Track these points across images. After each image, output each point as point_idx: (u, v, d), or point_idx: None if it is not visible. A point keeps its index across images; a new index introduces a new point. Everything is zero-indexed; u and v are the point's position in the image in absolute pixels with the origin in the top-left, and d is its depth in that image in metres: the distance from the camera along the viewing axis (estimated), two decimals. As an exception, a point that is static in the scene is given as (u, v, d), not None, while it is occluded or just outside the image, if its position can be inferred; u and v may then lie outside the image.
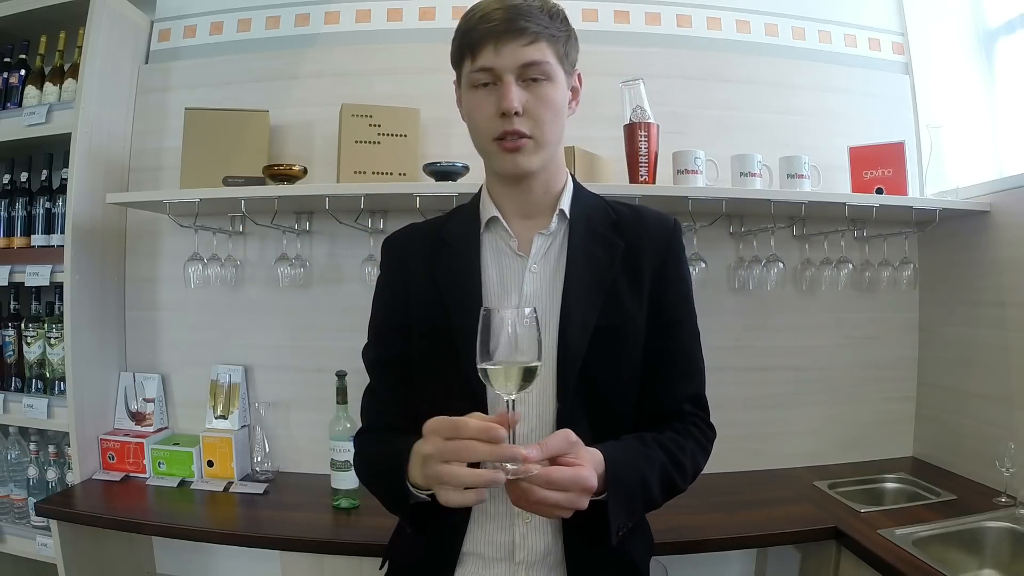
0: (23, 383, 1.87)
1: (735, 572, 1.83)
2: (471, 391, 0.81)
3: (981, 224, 1.75)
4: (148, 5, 2.02)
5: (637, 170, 1.67)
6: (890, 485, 1.76)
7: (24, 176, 1.89)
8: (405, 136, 1.77)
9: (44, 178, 1.87)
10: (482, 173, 1.04)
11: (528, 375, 0.78)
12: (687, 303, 1.01)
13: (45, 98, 1.84)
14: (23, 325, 1.86)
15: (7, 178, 1.91)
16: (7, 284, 1.80)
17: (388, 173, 1.74)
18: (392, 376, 1.02)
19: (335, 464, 1.61)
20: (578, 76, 0.99)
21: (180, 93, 1.94)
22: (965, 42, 2.00)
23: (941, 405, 1.89)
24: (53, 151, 1.88)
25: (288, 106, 1.91)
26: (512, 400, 0.79)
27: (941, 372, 1.90)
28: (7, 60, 1.91)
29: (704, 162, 1.70)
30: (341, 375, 1.65)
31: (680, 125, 1.84)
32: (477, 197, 1.04)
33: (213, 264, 1.78)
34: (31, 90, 1.85)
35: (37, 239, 1.86)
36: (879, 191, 1.78)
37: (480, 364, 0.77)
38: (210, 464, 1.80)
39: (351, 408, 1.61)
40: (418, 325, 0.98)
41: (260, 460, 1.84)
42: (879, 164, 1.80)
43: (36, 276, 1.77)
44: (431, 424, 0.78)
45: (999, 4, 1.93)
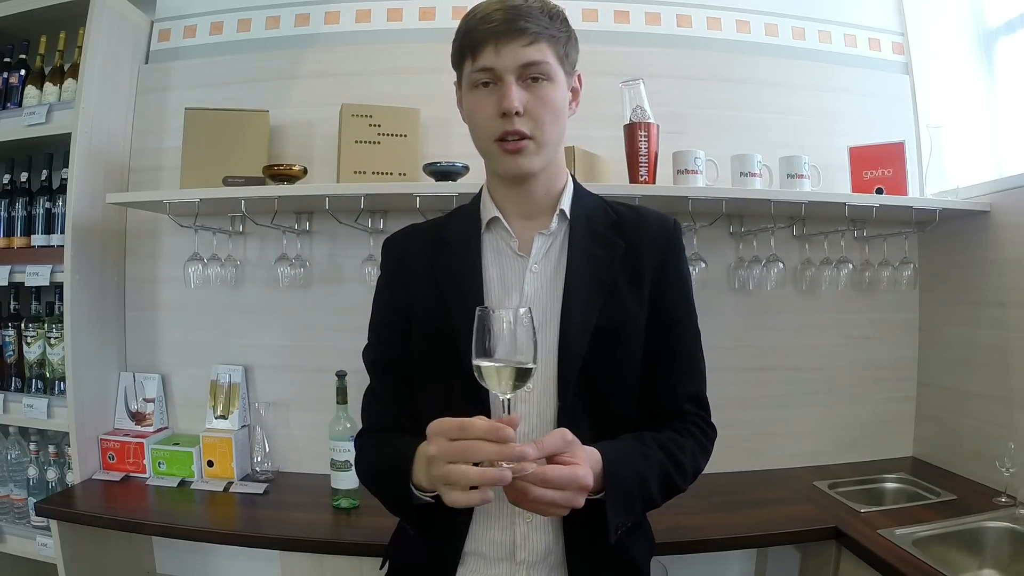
0: (23, 383, 1.87)
1: (735, 572, 1.83)
2: (473, 391, 0.81)
3: (981, 224, 1.75)
4: (148, 5, 2.02)
5: (637, 170, 1.67)
6: (890, 485, 1.76)
7: (24, 176, 1.89)
8: (405, 136, 1.78)
9: (44, 178, 1.87)
10: (482, 173, 1.04)
11: (522, 375, 0.78)
12: (687, 303, 1.01)
13: (45, 98, 1.84)
14: (23, 325, 1.86)
15: (7, 178, 1.91)
16: (7, 284, 1.80)
17: (388, 173, 1.74)
18: (392, 377, 1.02)
19: (335, 464, 1.61)
20: (578, 77, 0.99)
21: (180, 93, 1.94)
22: (965, 42, 2.00)
23: (941, 405, 1.89)
24: (53, 151, 1.88)
25: (288, 106, 1.91)
26: (508, 399, 0.79)
27: (941, 372, 1.90)
28: (7, 60, 1.91)
29: (704, 162, 1.70)
30: (341, 375, 1.65)
31: (680, 125, 1.84)
32: (478, 197, 1.04)
33: (213, 264, 1.78)
34: (31, 90, 1.85)
35: (37, 239, 1.86)
36: (879, 191, 1.78)
37: (475, 362, 0.77)
38: (210, 464, 1.80)
39: (351, 408, 1.61)
40: (419, 326, 0.98)
41: (260, 460, 1.84)
42: (879, 164, 1.80)
43: (36, 276, 1.77)
44: (436, 425, 0.78)
45: (999, 4, 1.93)
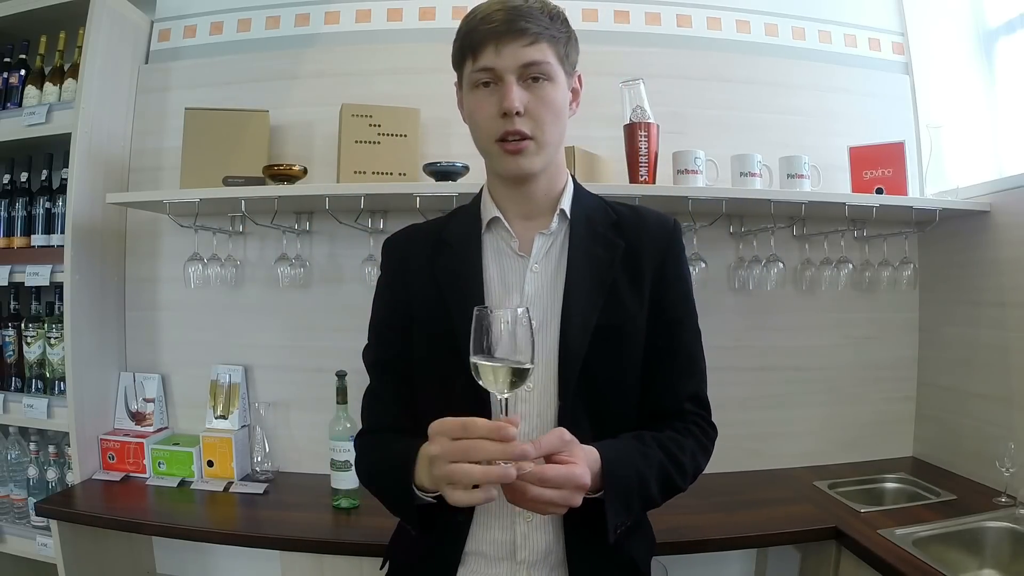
0: (23, 383, 1.87)
1: (735, 572, 1.83)
2: (473, 391, 0.81)
3: (981, 224, 1.75)
4: (148, 5, 2.02)
5: (637, 170, 1.67)
6: (890, 485, 1.76)
7: (24, 176, 1.89)
8: (405, 136, 1.77)
9: (44, 178, 1.87)
10: (482, 173, 1.05)
11: (520, 375, 0.78)
12: (687, 302, 1.01)
13: (45, 98, 1.85)
14: (23, 325, 1.86)
15: (7, 178, 1.91)
16: (7, 284, 1.80)
17: (388, 173, 1.74)
18: (393, 377, 1.02)
19: (335, 464, 1.61)
20: (578, 77, 1.00)
21: (180, 93, 1.94)
22: (965, 42, 2.00)
23: (941, 405, 1.89)
24: (53, 151, 1.88)
25: (288, 106, 1.91)
26: (505, 399, 0.79)
27: (941, 372, 1.90)
28: (7, 60, 1.91)
29: (704, 162, 1.70)
30: (341, 375, 1.65)
31: (680, 125, 1.84)
32: (478, 198, 1.04)
33: (213, 264, 1.78)
34: (31, 90, 1.85)
35: (37, 239, 1.86)
36: (879, 191, 1.78)
37: (473, 361, 0.77)
38: (210, 464, 1.80)
39: (351, 408, 1.61)
40: (419, 326, 0.98)
41: (260, 460, 1.84)
42: (879, 164, 1.80)
43: (36, 276, 1.77)
44: (437, 425, 0.78)
45: (999, 4, 1.93)
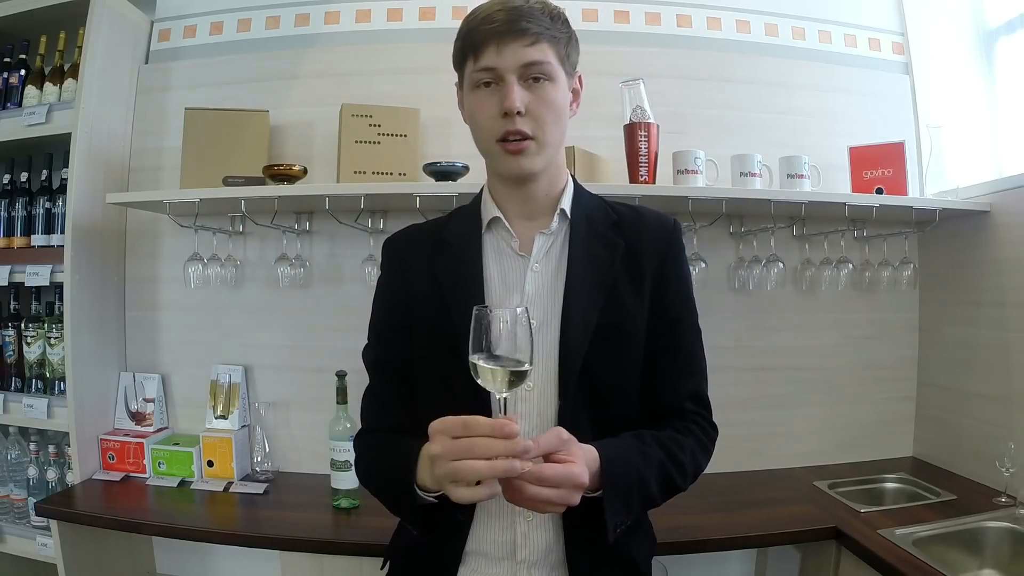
0: (23, 383, 1.87)
1: (735, 572, 1.83)
2: (473, 391, 0.81)
3: (981, 224, 1.75)
4: (148, 5, 2.02)
5: (637, 170, 1.67)
6: (890, 485, 1.76)
7: (24, 176, 1.89)
8: (405, 136, 1.77)
9: (44, 178, 1.87)
10: (482, 173, 1.05)
11: (518, 374, 0.78)
12: (688, 302, 1.02)
13: (45, 98, 1.84)
14: (23, 325, 1.86)
15: (7, 178, 1.91)
16: (7, 284, 1.80)
17: (388, 173, 1.74)
18: (392, 376, 1.02)
19: (335, 464, 1.62)
20: (579, 78, 1.00)
21: (180, 93, 1.94)
22: (965, 42, 2.00)
23: (941, 405, 1.89)
24: (53, 151, 1.88)
25: (288, 106, 1.91)
26: (504, 398, 0.79)
27: (941, 372, 1.90)
28: (7, 60, 1.91)
29: (704, 162, 1.70)
30: (341, 375, 1.65)
31: (680, 125, 1.84)
32: (478, 198, 1.04)
33: (213, 264, 1.78)
34: (31, 90, 1.85)
35: (37, 239, 1.86)
36: (879, 191, 1.77)
37: (472, 360, 0.78)
38: (210, 464, 1.80)
39: (351, 408, 1.61)
40: (420, 326, 0.98)
41: (260, 460, 1.84)
42: (879, 164, 1.80)
43: (36, 276, 1.77)
44: (438, 424, 0.78)
45: (999, 4, 1.93)
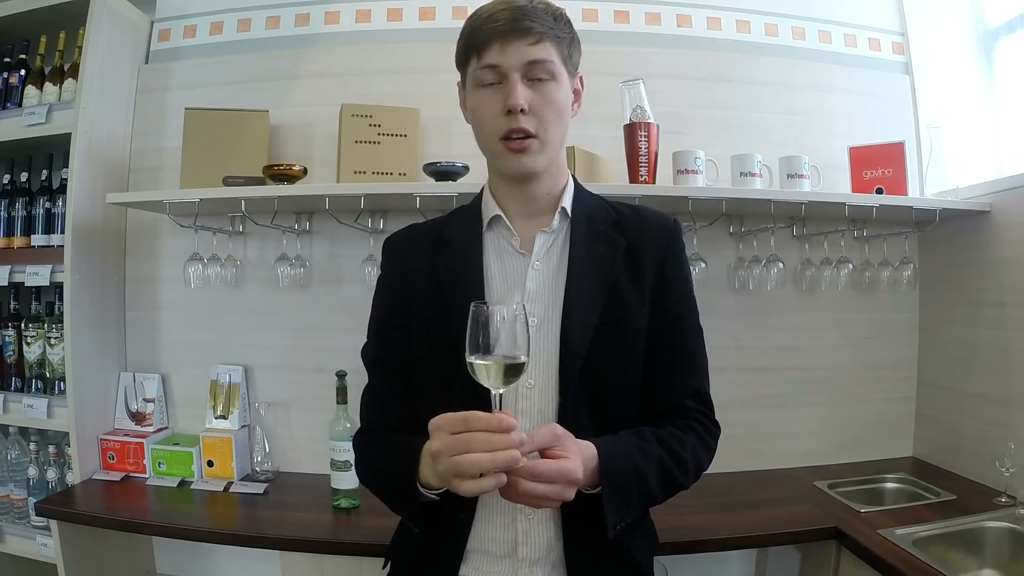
0: (23, 383, 1.87)
1: (735, 572, 1.83)
2: (473, 390, 0.81)
3: (981, 224, 1.75)
4: (148, 5, 2.02)
5: (637, 170, 1.67)
6: (890, 485, 1.76)
7: (24, 176, 1.89)
8: (405, 136, 1.77)
9: (44, 178, 1.87)
10: (482, 173, 1.05)
11: (513, 370, 0.78)
12: (688, 300, 1.02)
13: (45, 98, 1.84)
14: (23, 325, 1.86)
15: (7, 178, 1.91)
16: (7, 284, 1.80)
17: (388, 173, 1.74)
18: (392, 376, 1.02)
19: (335, 464, 1.61)
20: (580, 79, 1.00)
21: (180, 93, 1.94)
22: (965, 42, 2.00)
23: (941, 405, 1.89)
24: (53, 151, 1.88)
25: (288, 106, 1.91)
26: (499, 395, 0.80)
27: (941, 372, 1.90)
28: (7, 60, 1.91)
29: (704, 162, 1.70)
30: (341, 375, 1.65)
31: (680, 125, 1.84)
32: (479, 197, 1.04)
33: (213, 264, 1.78)
34: (31, 90, 1.85)
35: (37, 239, 1.86)
36: (879, 191, 1.77)
37: (469, 358, 0.78)
38: (210, 464, 1.80)
39: (351, 408, 1.61)
40: (420, 325, 0.98)
41: (260, 460, 1.84)
42: (879, 164, 1.80)
43: (36, 276, 1.77)
44: (438, 420, 0.78)
45: (999, 4, 1.93)
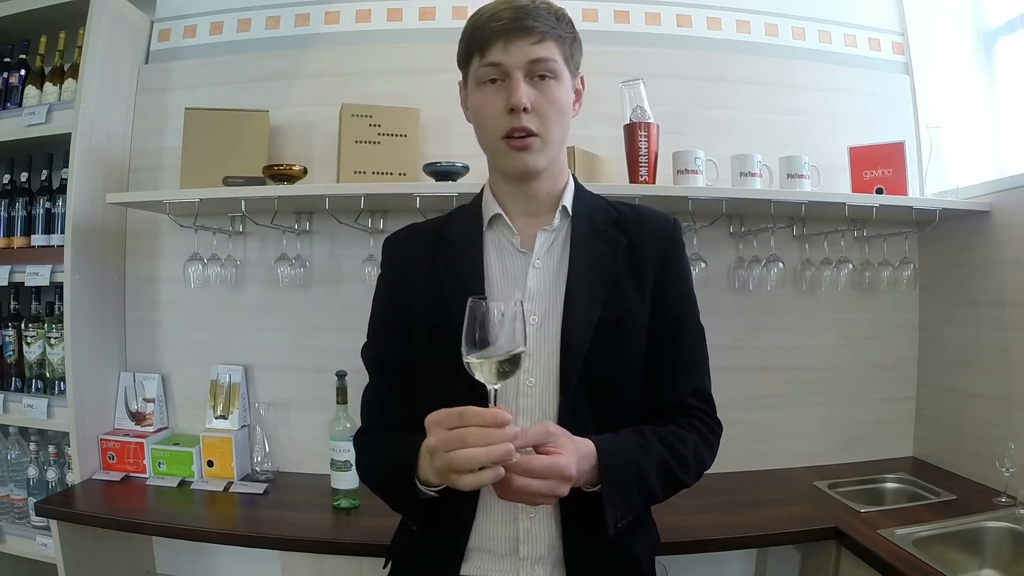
0: (23, 383, 1.87)
1: (735, 572, 1.83)
2: (473, 389, 0.81)
3: (981, 224, 1.75)
4: (148, 5, 2.02)
5: (637, 170, 1.67)
6: (890, 485, 1.76)
7: (24, 176, 1.89)
8: (405, 136, 1.78)
9: (44, 178, 1.87)
10: (482, 173, 1.05)
11: (509, 365, 0.79)
12: (689, 299, 1.02)
13: (45, 98, 1.84)
14: (23, 325, 1.86)
15: (7, 178, 1.91)
16: (7, 284, 1.80)
17: (388, 173, 1.74)
18: (392, 375, 1.02)
19: (335, 464, 1.61)
20: (581, 79, 1.01)
21: (180, 93, 1.94)
22: (965, 42, 2.00)
23: (941, 405, 1.89)
24: (53, 151, 1.88)
25: (288, 106, 1.91)
26: (495, 390, 0.80)
27: (941, 372, 1.90)
28: (7, 60, 1.91)
29: (704, 162, 1.70)
30: (341, 375, 1.65)
31: (680, 125, 1.84)
32: (479, 197, 1.05)
33: (213, 264, 1.78)
34: (31, 90, 1.85)
35: (37, 239, 1.86)
36: (879, 191, 1.77)
37: (465, 356, 0.78)
38: (210, 464, 1.80)
39: (351, 408, 1.61)
40: (420, 324, 0.99)
41: (260, 460, 1.84)
42: (879, 164, 1.80)
43: (36, 276, 1.77)
44: (434, 416, 0.79)
45: (999, 4, 1.93)
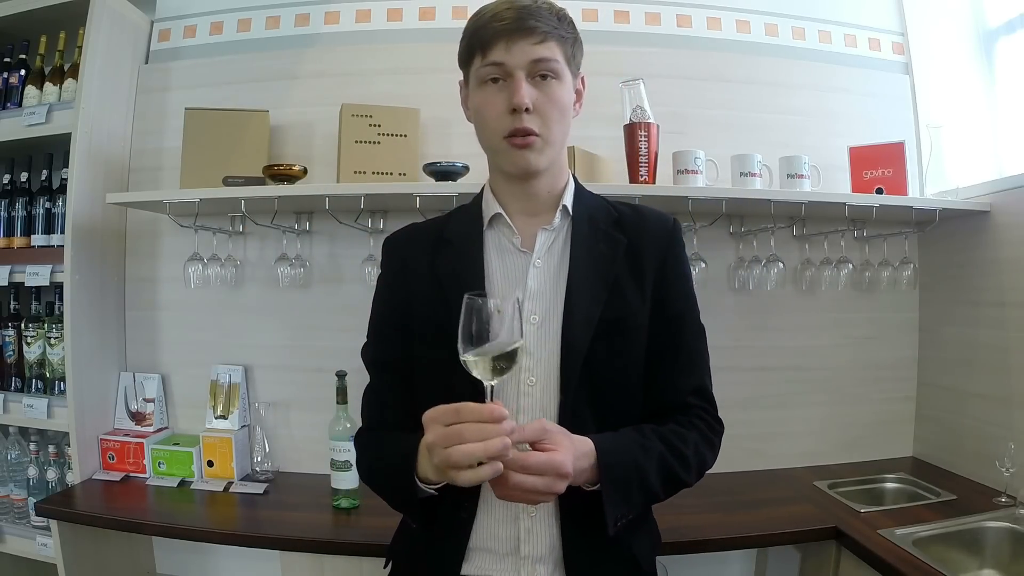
0: (23, 383, 1.87)
1: (735, 572, 1.83)
2: (475, 389, 0.81)
3: (981, 224, 1.75)
4: (148, 5, 2.02)
5: (637, 170, 1.67)
6: (890, 485, 1.76)
7: (24, 176, 1.89)
8: (405, 136, 1.78)
9: (44, 178, 1.87)
10: (482, 173, 1.05)
11: (504, 361, 0.79)
12: (689, 299, 1.02)
13: (45, 98, 1.84)
14: (23, 325, 1.86)
15: (7, 178, 1.91)
16: (7, 284, 1.80)
17: (388, 173, 1.74)
18: (392, 375, 1.02)
19: (335, 464, 1.61)
20: (582, 79, 1.01)
21: (180, 93, 1.94)
22: (965, 42, 2.00)
23: (941, 405, 1.89)
24: (53, 151, 1.88)
25: (288, 106, 1.91)
26: (491, 387, 0.80)
27: (941, 372, 1.90)
28: (7, 60, 1.91)
29: (704, 162, 1.70)
30: (341, 375, 1.65)
31: (680, 125, 1.84)
32: (479, 197, 1.05)
33: (213, 264, 1.78)
34: (31, 90, 1.85)
35: (37, 239, 1.86)
36: (879, 191, 1.77)
37: (462, 353, 0.79)
38: (210, 464, 1.80)
39: (351, 408, 1.61)
40: (420, 324, 0.98)
41: (260, 460, 1.84)
42: (879, 164, 1.80)
43: (36, 276, 1.77)
44: (431, 413, 0.79)
45: (999, 4, 1.93)
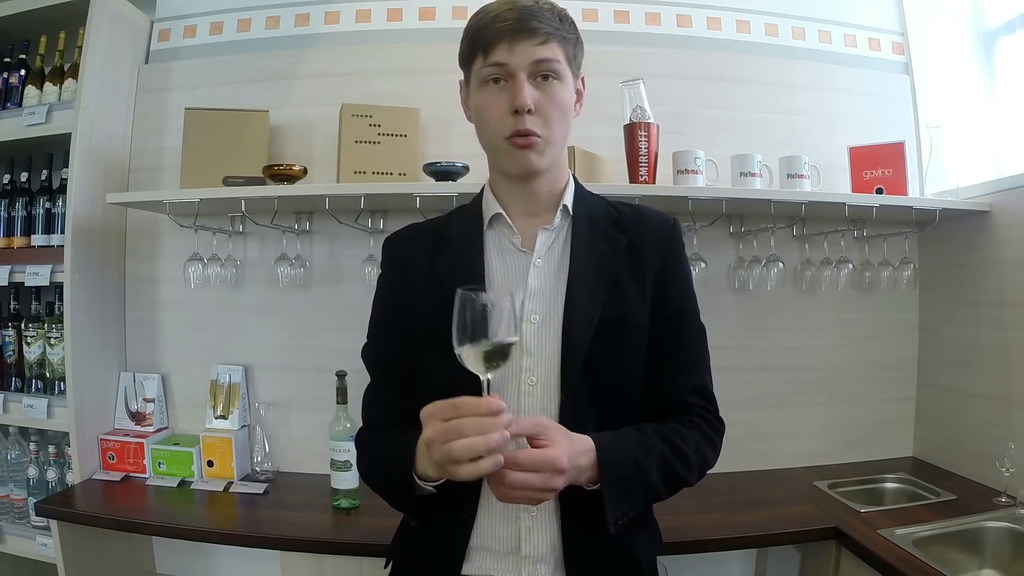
0: (23, 383, 1.87)
1: (735, 572, 1.83)
2: (473, 388, 0.81)
3: (981, 224, 1.75)
4: (148, 5, 2.02)
5: (637, 170, 1.67)
6: (890, 485, 1.76)
7: (24, 176, 1.89)
8: (405, 136, 1.78)
9: (44, 178, 1.87)
10: (482, 173, 1.05)
11: (498, 353, 0.79)
12: (689, 299, 1.02)
13: (45, 98, 1.84)
14: (23, 325, 1.86)
15: (7, 178, 1.91)
16: (7, 284, 1.80)
17: (388, 173, 1.74)
18: (392, 375, 1.02)
19: (335, 464, 1.61)
20: (582, 79, 1.01)
21: (180, 93, 1.94)
22: (965, 42, 2.00)
23: (941, 405, 1.89)
24: (53, 151, 1.88)
25: (288, 106, 1.91)
26: (488, 380, 0.80)
27: (941, 372, 1.90)
28: (7, 60, 1.91)
29: (704, 162, 1.70)
30: (341, 375, 1.65)
31: (680, 125, 1.84)
32: (479, 197, 1.05)
33: (213, 264, 1.78)
34: (31, 90, 1.85)
35: (37, 239, 1.86)
36: (879, 191, 1.77)
37: (456, 347, 0.79)
38: (210, 464, 1.80)
39: (351, 408, 1.61)
40: (420, 324, 0.98)
41: (260, 460, 1.84)
42: (879, 164, 1.80)
43: (36, 276, 1.77)
44: (429, 409, 0.79)
45: (999, 4, 1.93)
